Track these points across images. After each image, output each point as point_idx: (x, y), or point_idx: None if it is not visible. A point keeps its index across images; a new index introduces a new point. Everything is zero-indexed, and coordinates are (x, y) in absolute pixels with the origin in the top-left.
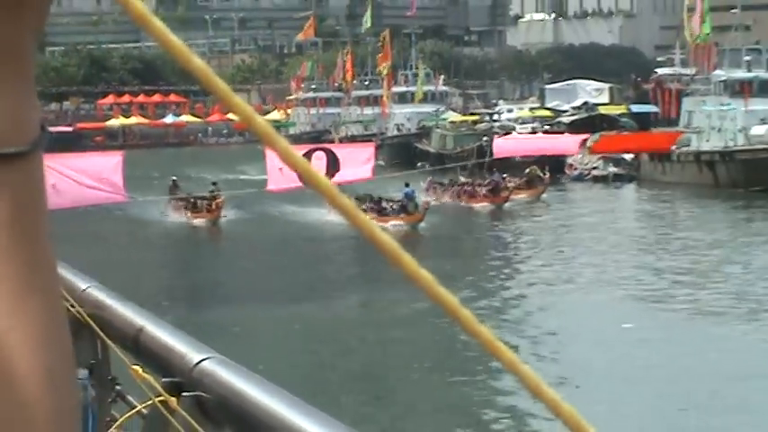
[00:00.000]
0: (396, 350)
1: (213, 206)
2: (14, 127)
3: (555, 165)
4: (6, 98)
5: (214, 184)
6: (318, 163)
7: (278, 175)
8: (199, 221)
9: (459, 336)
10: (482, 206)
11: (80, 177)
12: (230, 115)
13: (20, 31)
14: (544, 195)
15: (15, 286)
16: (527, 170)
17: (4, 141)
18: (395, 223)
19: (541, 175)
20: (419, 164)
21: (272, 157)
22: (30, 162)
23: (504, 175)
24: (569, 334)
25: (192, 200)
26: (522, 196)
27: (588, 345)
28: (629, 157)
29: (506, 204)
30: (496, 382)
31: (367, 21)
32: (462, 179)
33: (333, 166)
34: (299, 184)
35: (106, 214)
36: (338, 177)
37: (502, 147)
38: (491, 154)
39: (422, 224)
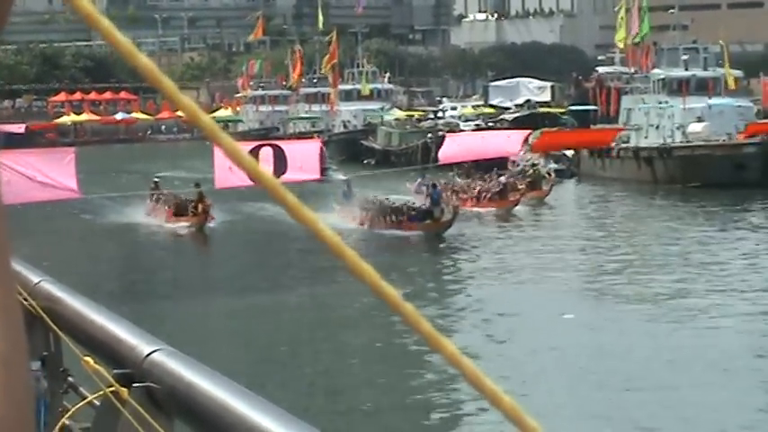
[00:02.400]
0: (346, 344)
1: (200, 209)
2: None
3: (497, 161)
4: None
5: (197, 185)
6: (266, 159)
7: (226, 173)
8: (182, 226)
9: (407, 330)
10: (487, 211)
11: (33, 174)
12: (179, 113)
13: None
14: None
15: None
16: (530, 170)
17: None
18: (419, 232)
19: (546, 175)
20: (365, 160)
21: (219, 155)
22: None
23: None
24: (511, 325)
25: (176, 202)
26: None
27: (529, 335)
28: (569, 153)
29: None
30: (444, 374)
31: (319, 20)
32: (459, 180)
33: (280, 161)
34: (249, 182)
35: (83, 215)
36: (287, 176)
37: (447, 153)
38: (436, 156)
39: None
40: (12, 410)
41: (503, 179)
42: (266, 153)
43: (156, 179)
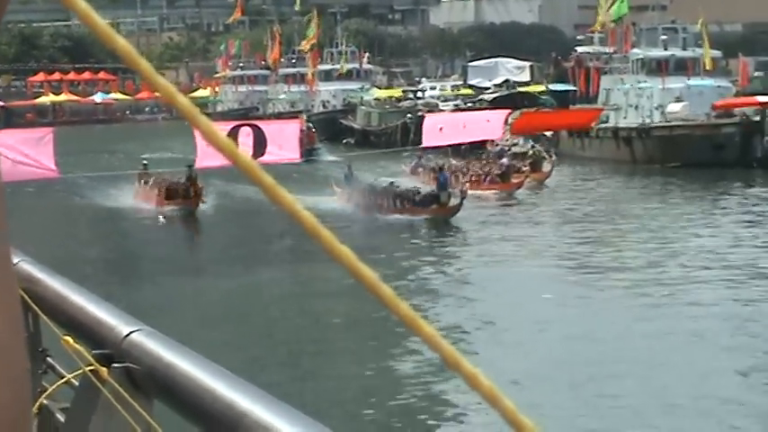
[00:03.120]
0: (324, 323)
1: (192, 192)
2: None
3: (477, 143)
4: None
5: (189, 167)
6: (246, 139)
7: (207, 153)
8: (172, 209)
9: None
10: (492, 193)
11: (11, 154)
12: (157, 93)
13: None
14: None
15: None
16: (531, 151)
17: None
18: (426, 217)
19: (547, 156)
20: (344, 140)
21: (200, 137)
22: None
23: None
24: (491, 305)
25: (166, 184)
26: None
27: (508, 314)
28: (548, 133)
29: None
30: (423, 355)
31: (297, 0)
32: (454, 162)
33: (260, 142)
34: (228, 162)
35: (67, 197)
36: (267, 157)
37: (431, 134)
38: (416, 136)
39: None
40: (10, 395)
41: (505, 161)
42: (246, 133)
43: (145, 161)
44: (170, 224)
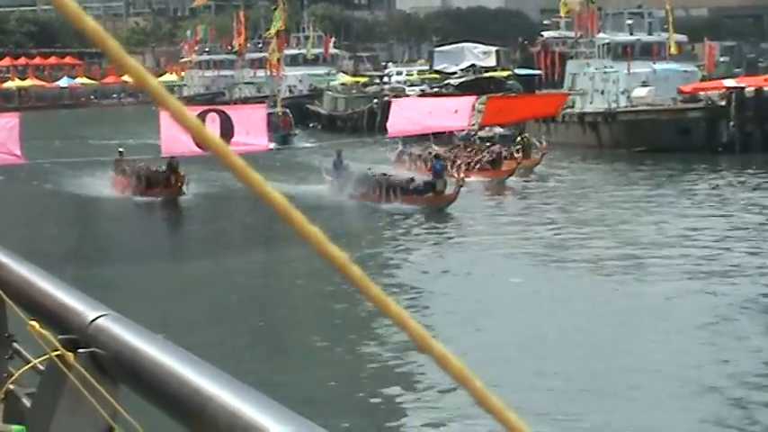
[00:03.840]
0: (296, 305)
1: (173, 180)
2: None
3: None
4: None
5: (172, 158)
6: (212, 125)
7: (172, 141)
8: (152, 198)
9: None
10: (480, 180)
11: None
12: (125, 77)
13: None
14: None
15: None
16: (519, 138)
17: None
18: (423, 205)
19: (538, 143)
20: (311, 125)
21: (166, 122)
22: None
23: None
24: (461, 287)
25: (146, 173)
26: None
27: (478, 297)
28: None
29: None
30: (394, 336)
31: None
32: (436, 149)
33: (227, 128)
34: (195, 149)
35: (39, 185)
36: (234, 147)
37: (397, 123)
38: (382, 122)
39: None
40: None
41: (496, 148)
42: (212, 119)
43: (120, 149)
44: (150, 213)
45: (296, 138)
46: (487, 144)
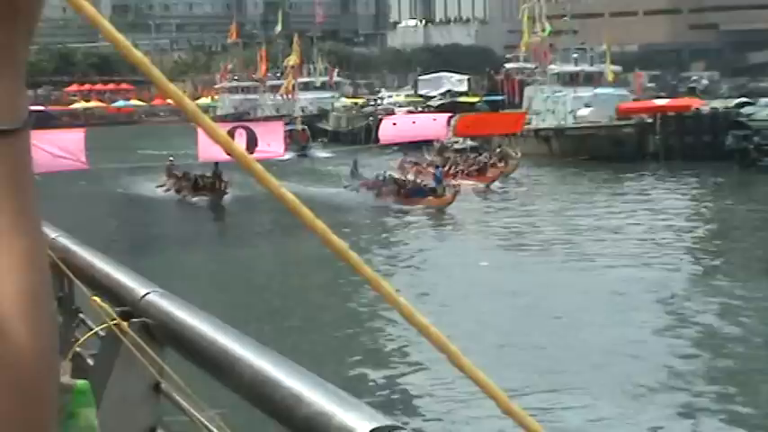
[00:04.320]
0: (310, 287)
1: (218, 185)
2: (11, 110)
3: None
4: (4, 89)
5: (216, 163)
6: (240, 138)
7: (206, 150)
8: (200, 200)
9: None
10: (470, 185)
11: (51, 149)
12: (168, 100)
13: (14, 35)
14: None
15: (7, 227)
16: (498, 149)
17: (3, 121)
18: (421, 206)
19: (513, 153)
20: (319, 139)
21: (201, 136)
22: (22, 136)
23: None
24: (437, 270)
25: (193, 178)
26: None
27: (451, 276)
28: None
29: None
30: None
31: (278, 25)
32: (429, 158)
33: (252, 140)
34: (224, 156)
35: (102, 188)
36: (257, 154)
37: (387, 133)
38: (376, 135)
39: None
40: (40, 342)
41: (482, 158)
42: (239, 134)
43: (171, 158)
44: (197, 211)
45: (313, 149)
46: (472, 155)
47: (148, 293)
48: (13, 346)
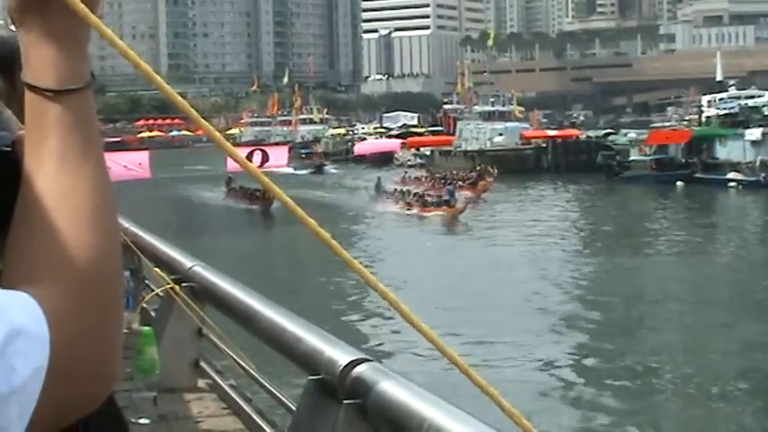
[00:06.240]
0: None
1: (266, 196)
2: (76, 74)
3: (388, 158)
4: (72, 60)
5: None
6: (257, 156)
7: (232, 164)
8: (254, 207)
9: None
10: (466, 195)
11: (124, 163)
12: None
13: (75, 22)
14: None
15: (75, 158)
16: (478, 167)
17: (70, 81)
18: (437, 213)
19: (491, 169)
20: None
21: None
22: (86, 93)
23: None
24: (392, 250)
25: (250, 191)
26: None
27: (402, 255)
28: (428, 152)
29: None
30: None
31: (285, 78)
32: (417, 173)
33: (265, 157)
34: (241, 168)
35: (171, 197)
36: (266, 168)
37: (360, 148)
38: (352, 151)
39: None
40: (102, 243)
41: (474, 174)
42: (257, 154)
43: (230, 174)
44: (251, 216)
45: (326, 167)
46: (461, 175)
47: (194, 266)
48: (80, 246)
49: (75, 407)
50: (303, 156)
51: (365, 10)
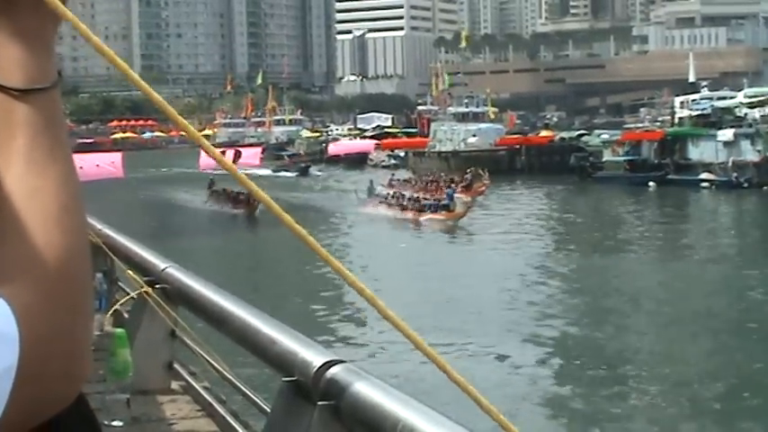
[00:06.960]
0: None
1: (251, 200)
2: (44, 74)
3: (363, 159)
4: (39, 59)
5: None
6: (230, 154)
7: (206, 161)
8: (237, 211)
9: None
10: (462, 197)
11: (96, 162)
12: (182, 133)
13: (43, 21)
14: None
15: (43, 157)
16: (469, 170)
17: (37, 81)
18: (436, 218)
19: (482, 173)
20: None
21: (203, 155)
22: (53, 93)
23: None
24: (370, 250)
25: (234, 194)
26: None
27: (379, 255)
28: (402, 153)
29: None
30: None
31: (259, 79)
32: (406, 175)
33: (238, 155)
34: (217, 167)
35: (149, 198)
36: (240, 166)
37: (334, 149)
38: (327, 152)
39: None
40: (69, 240)
41: (468, 177)
42: (231, 152)
43: (212, 177)
44: (235, 220)
45: (311, 169)
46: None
47: (167, 267)
48: (49, 245)
49: (44, 406)
50: (288, 157)
51: (339, 11)
